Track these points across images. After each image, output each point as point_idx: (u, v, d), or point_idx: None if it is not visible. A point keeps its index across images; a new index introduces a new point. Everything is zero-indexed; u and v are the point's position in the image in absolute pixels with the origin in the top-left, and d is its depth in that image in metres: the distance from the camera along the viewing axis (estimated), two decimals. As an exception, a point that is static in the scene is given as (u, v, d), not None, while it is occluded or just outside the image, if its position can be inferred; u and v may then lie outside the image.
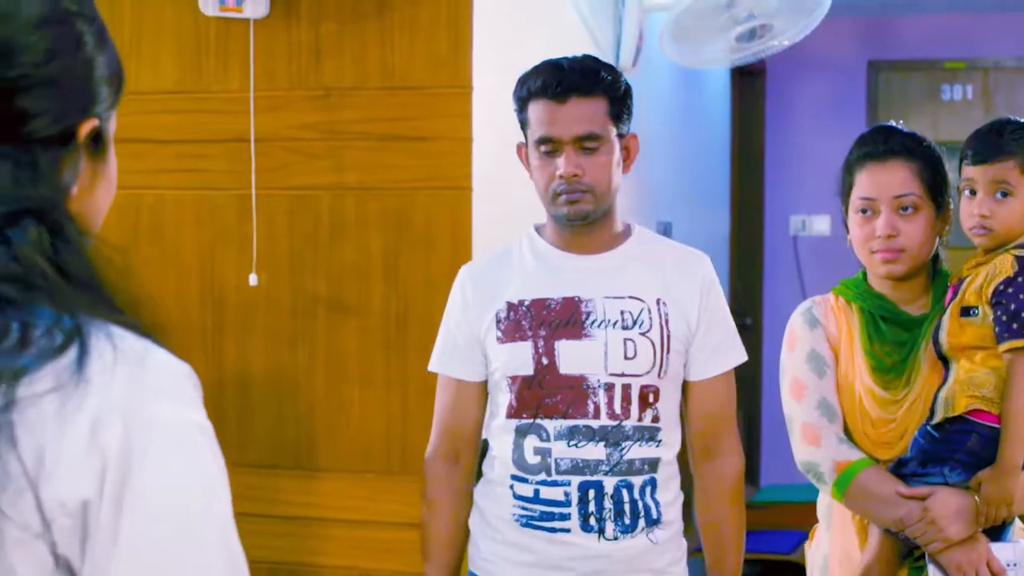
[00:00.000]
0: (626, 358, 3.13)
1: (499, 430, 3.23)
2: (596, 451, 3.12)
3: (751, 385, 8.39)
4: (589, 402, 3.12)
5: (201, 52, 4.32)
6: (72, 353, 1.44)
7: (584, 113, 3.12)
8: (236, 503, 1.60)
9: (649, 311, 3.16)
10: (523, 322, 3.17)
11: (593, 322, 3.15)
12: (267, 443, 4.29)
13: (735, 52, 5.27)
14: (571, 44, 4.76)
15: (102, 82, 1.69)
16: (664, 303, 3.18)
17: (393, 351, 4.16)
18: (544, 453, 3.14)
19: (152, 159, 4.36)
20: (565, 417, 3.13)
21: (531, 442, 3.16)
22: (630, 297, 3.18)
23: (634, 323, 3.15)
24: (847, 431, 3.23)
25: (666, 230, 6.24)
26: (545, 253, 3.26)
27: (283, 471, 4.27)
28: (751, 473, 2.30)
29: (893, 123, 3.33)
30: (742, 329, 3.77)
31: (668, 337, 3.16)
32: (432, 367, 3.33)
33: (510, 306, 3.20)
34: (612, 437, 3.12)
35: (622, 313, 3.15)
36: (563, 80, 3.12)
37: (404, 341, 4.15)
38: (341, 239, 4.21)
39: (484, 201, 4.13)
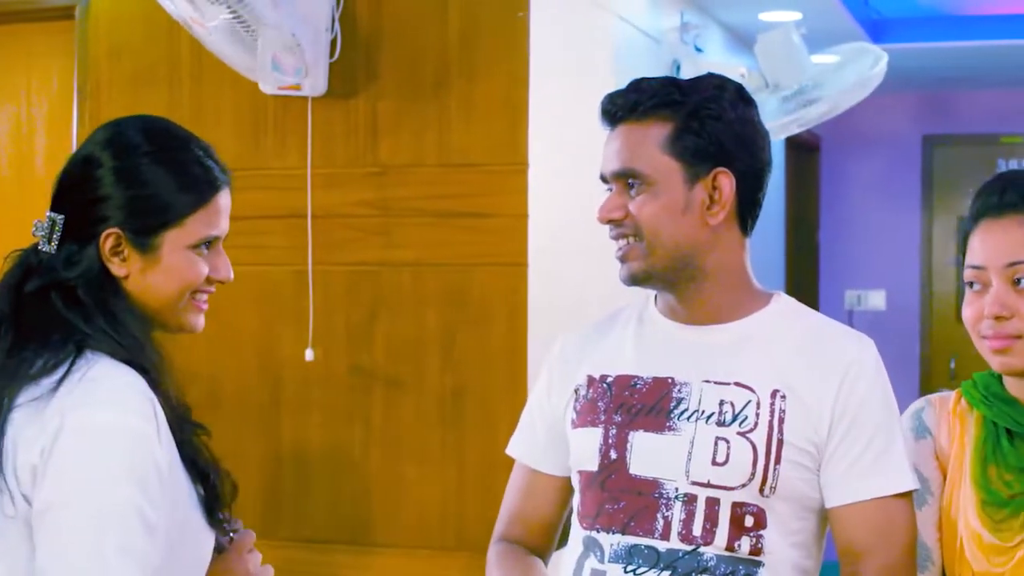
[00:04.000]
0: (714, 463, 2.35)
1: (573, 541, 2.50)
2: None
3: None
4: (659, 516, 2.37)
5: (259, 129, 4.36)
6: (59, 375, 2.06)
7: (628, 142, 2.43)
8: None
9: (758, 405, 2.36)
10: (599, 403, 2.47)
11: (683, 412, 2.40)
12: (323, 518, 4.29)
13: (783, 118, 5.29)
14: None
15: (116, 207, 2.17)
16: (783, 396, 2.37)
17: (449, 427, 4.16)
18: None
19: (211, 235, 4.39)
20: (624, 532, 2.38)
21: (590, 563, 2.43)
22: (736, 384, 2.39)
23: (733, 419, 2.37)
24: None
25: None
26: (650, 320, 2.53)
27: (339, 546, 4.27)
28: None
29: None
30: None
31: (779, 442, 2.35)
32: (508, 449, 2.69)
33: (590, 381, 2.51)
34: (683, 567, 2.34)
35: (721, 404, 2.38)
36: (615, 98, 2.47)
37: (460, 417, 4.15)
38: (397, 315, 4.22)
39: (540, 277, 4.13)
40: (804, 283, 8.95)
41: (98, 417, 2.03)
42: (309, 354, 4.24)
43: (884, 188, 9.08)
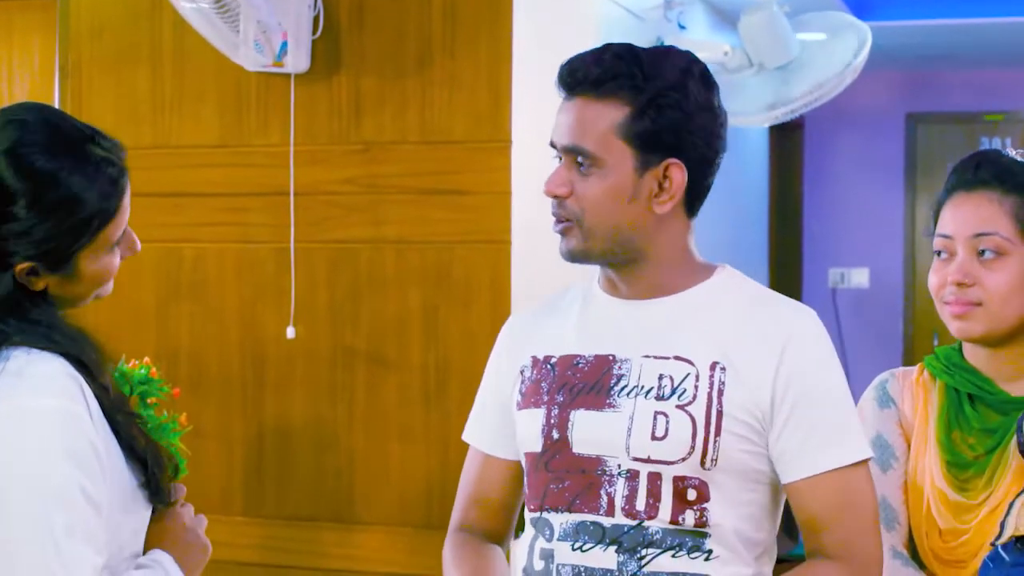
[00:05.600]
0: (654, 438, 2.31)
1: (526, 525, 2.49)
2: (605, 558, 2.33)
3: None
4: (602, 493, 2.34)
5: (242, 107, 4.35)
6: None
7: (583, 117, 2.37)
8: (275, 555, 1.73)
9: (697, 377, 2.33)
10: (543, 384, 2.44)
11: (623, 388, 2.36)
12: (306, 496, 4.29)
13: (769, 111, 5.28)
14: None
15: (29, 244, 2.11)
16: (723, 368, 2.33)
17: (433, 404, 4.16)
18: (548, 558, 2.39)
19: (193, 212, 4.39)
20: (570, 510, 2.36)
21: (539, 543, 2.41)
22: (675, 358, 2.35)
23: (672, 392, 2.33)
24: (911, 542, 2.56)
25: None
26: (593, 297, 2.50)
27: (322, 524, 4.27)
28: (791, 527, 2.28)
29: (1003, 148, 2.67)
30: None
31: (719, 414, 2.31)
32: (464, 434, 2.68)
33: (535, 363, 2.48)
34: (628, 542, 2.31)
35: (660, 378, 2.34)
36: (576, 68, 2.39)
37: (443, 394, 4.15)
38: (380, 292, 4.22)
39: (523, 255, 4.13)
40: (787, 261, 8.96)
41: (26, 402, 2.04)
42: (291, 332, 4.24)
43: (867, 166, 9.09)
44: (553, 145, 2.42)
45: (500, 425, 2.54)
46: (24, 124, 2.14)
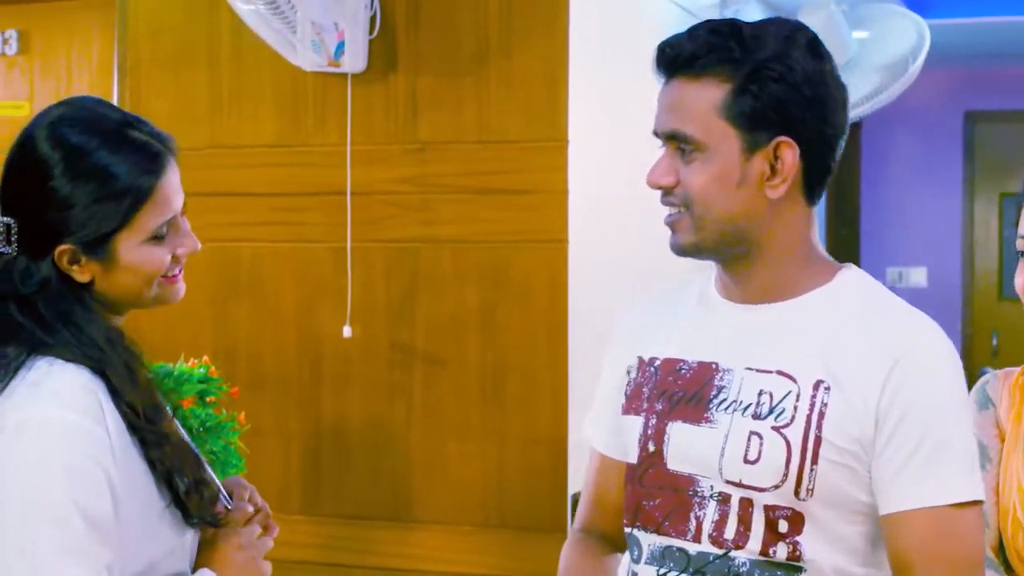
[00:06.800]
0: (746, 460, 2.10)
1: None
2: None
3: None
4: (691, 516, 2.15)
5: (299, 107, 4.36)
6: (7, 380, 2.06)
7: (681, 100, 2.14)
8: (332, 554, 1.73)
9: (798, 397, 2.10)
10: (644, 388, 2.25)
11: (722, 402, 2.15)
12: (363, 494, 4.30)
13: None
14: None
15: (65, 223, 2.12)
16: (827, 388, 2.09)
17: (490, 403, 4.16)
18: None
19: (251, 212, 4.40)
20: (659, 531, 2.18)
21: (630, 563, 2.25)
22: (778, 373, 2.13)
23: (770, 411, 2.11)
24: (1000, 547, 2.42)
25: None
26: (706, 297, 2.28)
27: (379, 522, 4.28)
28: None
29: None
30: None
31: (817, 440, 2.07)
32: (585, 429, 2.49)
33: (640, 363, 2.29)
34: (712, 572, 2.13)
35: (759, 394, 2.13)
36: (671, 47, 2.16)
37: (500, 393, 4.15)
38: (437, 292, 4.22)
39: (580, 253, 4.12)
40: (845, 260, 8.82)
41: (35, 413, 2.03)
42: (347, 331, 4.25)
43: (925, 165, 9.03)
44: (656, 134, 2.19)
45: (612, 424, 2.34)
46: (69, 104, 2.19)
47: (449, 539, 4.21)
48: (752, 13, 6.18)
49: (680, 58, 2.13)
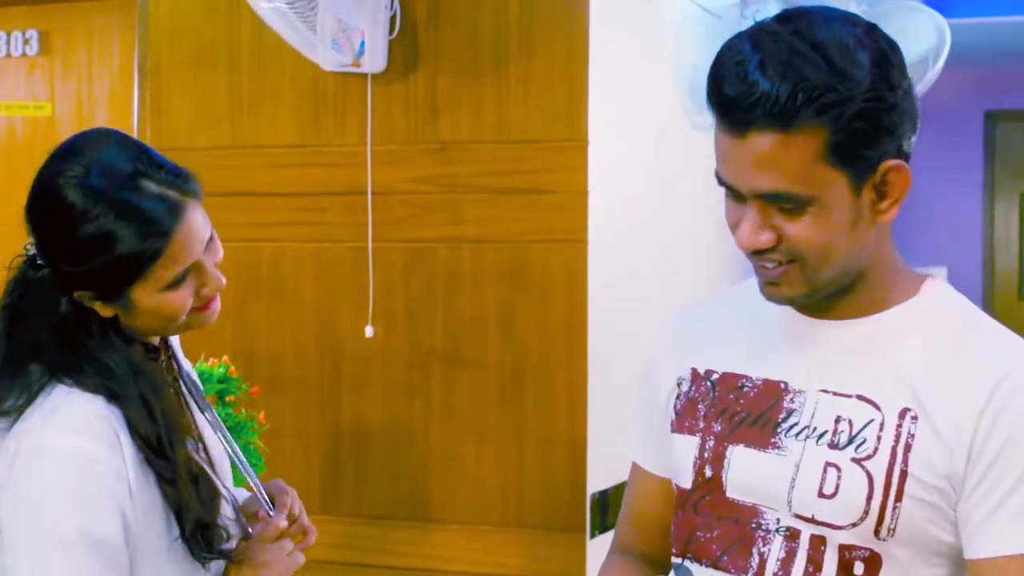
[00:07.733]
0: (821, 495, 1.92)
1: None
2: None
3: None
4: (754, 551, 1.97)
5: (319, 107, 4.36)
6: (25, 404, 2.09)
7: (773, 157, 1.85)
8: (352, 553, 1.75)
9: (881, 426, 1.91)
10: (700, 405, 2.08)
11: (792, 427, 1.97)
12: (382, 494, 4.30)
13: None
14: (686, 97, 4.76)
15: (83, 274, 2.13)
16: (914, 418, 1.90)
17: (509, 404, 4.16)
18: None
19: (270, 212, 4.41)
20: (716, 566, 2.01)
21: None
22: (858, 398, 1.94)
23: (849, 441, 1.92)
24: None
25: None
26: (772, 306, 2.04)
27: (398, 522, 4.28)
28: None
29: None
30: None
31: (903, 475, 1.89)
32: (626, 441, 2.35)
33: (694, 376, 2.11)
34: None
35: (837, 421, 1.94)
36: (743, 98, 1.84)
37: (520, 394, 4.14)
38: (457, 292, 4.22)
39: (600, 254, 4.12)
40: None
41: (50, 440, 2.05)
42: (369, 331, 4.25)
43: (945, 164, 9.01)
44: (729, 186, 1.94)
45: (654, 438, 2.19)
46: (81, 153, 2.15)
47: (468, 539, 4.21)
48: (772, 11, 6.16)
49: (765, 111, 1.84)
